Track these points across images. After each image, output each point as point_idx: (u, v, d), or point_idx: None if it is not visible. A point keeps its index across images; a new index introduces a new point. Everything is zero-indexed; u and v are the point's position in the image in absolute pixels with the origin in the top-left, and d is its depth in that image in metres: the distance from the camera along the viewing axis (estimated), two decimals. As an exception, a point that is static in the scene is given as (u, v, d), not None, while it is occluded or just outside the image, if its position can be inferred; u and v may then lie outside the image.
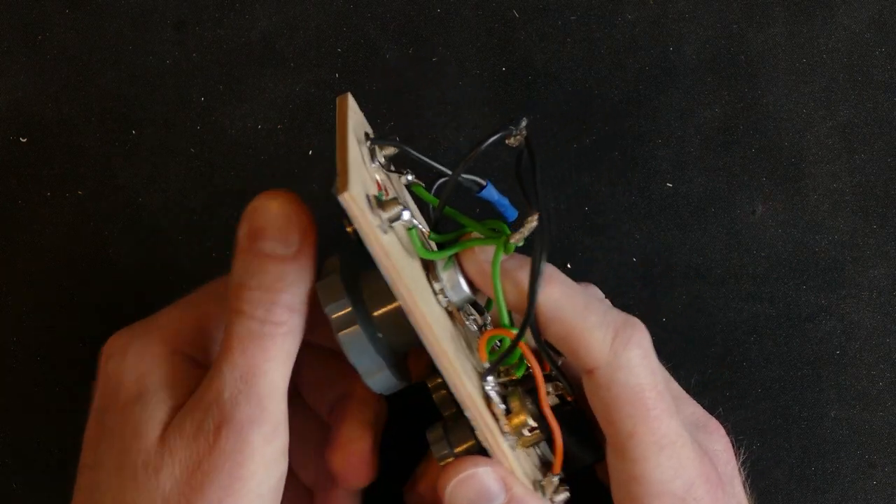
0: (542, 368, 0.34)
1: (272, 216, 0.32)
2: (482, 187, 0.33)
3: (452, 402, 0.35)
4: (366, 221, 0.29)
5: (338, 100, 0.33)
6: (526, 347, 0.33)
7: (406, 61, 0.45)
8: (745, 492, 0.35)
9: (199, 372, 0.34)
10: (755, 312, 0.44)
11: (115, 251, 0.44)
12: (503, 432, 0.33)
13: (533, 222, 0.31)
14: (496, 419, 0.33)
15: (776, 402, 0.44)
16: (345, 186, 0.29)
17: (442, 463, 0.34)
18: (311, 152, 0.44)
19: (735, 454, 0.35)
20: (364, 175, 0.31)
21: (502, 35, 0.45)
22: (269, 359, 0.31)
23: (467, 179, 0.33)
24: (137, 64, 0.45)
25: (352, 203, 0.29)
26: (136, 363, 0.33)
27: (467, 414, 0.32)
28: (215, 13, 0.45)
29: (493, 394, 0.33)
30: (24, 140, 0.45)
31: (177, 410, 0.32)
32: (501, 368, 0.35)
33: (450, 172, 0.32)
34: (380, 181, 0.33)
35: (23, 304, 0.44)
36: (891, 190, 0.44)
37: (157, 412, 0.32)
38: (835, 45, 0.45)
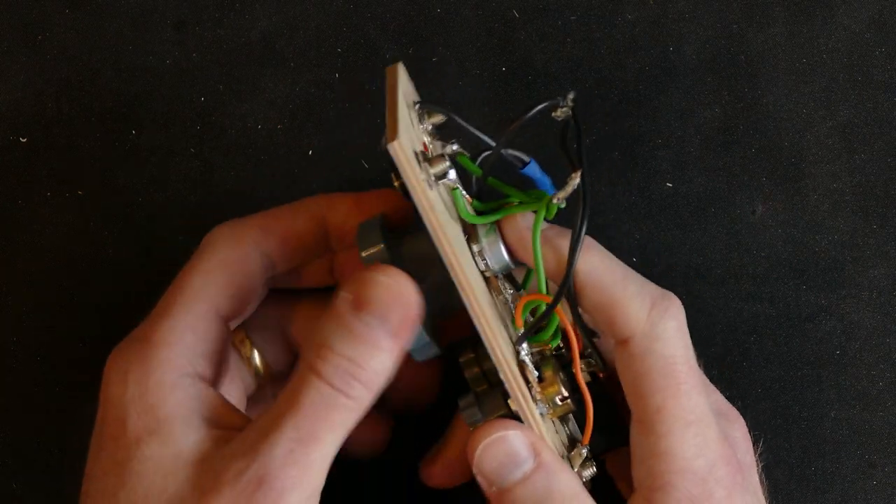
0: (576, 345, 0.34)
1: (382, 293, 0.31)
2: (525, 164, 0.33)
3: (483, 378, 0.36)
4: (413, 172, 0.29)
5: (387, 70, 0.34)
6: (562, 312, 0.33)
7: (406, 61, 0.45)
8: (761, 482, 0.35)
9: (212, 392, 0.33)
10: (755, 312, 0.44)
11: (115, 251, 0.44)
12: (535, 400, 0.33)
13: (576, 179, 0.31)
14: (529, 386, 0.33)
15: (776, 402, 0.44)
16: (394, 136, 0.29)
17: (472, 428, 0.34)
18: (311, 152, 0.44)
19: (752, 445, 0.36)
20: (412, 133, 0.31)
21: (502, 35, 0.45)
22: (331, 429, 0.30)
23: (511, 155, 0.33)
24: (137, 64, 0.45)
25: (400, 152, 0.29)
26: (140, 393, 0.32)
27: (501, 376, 0.32)
28: (215, 13, 0.45)
29: (527, 360, 0.33)
30: (24, 140, 0.45)
31: (201, 444, 0.31)
32: (534, 345, 0.34)
33: (493, 143, 0.32)
34: (426, 145, 0.33)
35: (23, 304, 0.44)
36: (891, 190, 0.44)
37: (182, 444, 0.31)
38: (835, 45, 0.45)
